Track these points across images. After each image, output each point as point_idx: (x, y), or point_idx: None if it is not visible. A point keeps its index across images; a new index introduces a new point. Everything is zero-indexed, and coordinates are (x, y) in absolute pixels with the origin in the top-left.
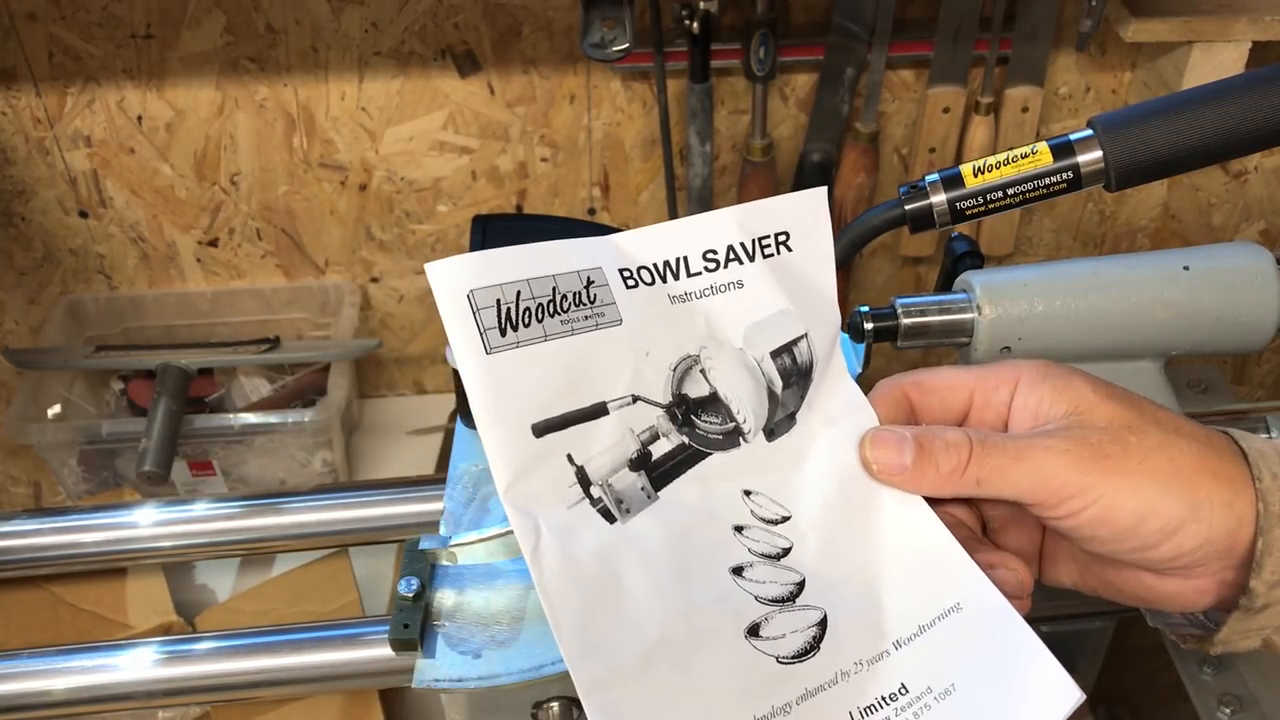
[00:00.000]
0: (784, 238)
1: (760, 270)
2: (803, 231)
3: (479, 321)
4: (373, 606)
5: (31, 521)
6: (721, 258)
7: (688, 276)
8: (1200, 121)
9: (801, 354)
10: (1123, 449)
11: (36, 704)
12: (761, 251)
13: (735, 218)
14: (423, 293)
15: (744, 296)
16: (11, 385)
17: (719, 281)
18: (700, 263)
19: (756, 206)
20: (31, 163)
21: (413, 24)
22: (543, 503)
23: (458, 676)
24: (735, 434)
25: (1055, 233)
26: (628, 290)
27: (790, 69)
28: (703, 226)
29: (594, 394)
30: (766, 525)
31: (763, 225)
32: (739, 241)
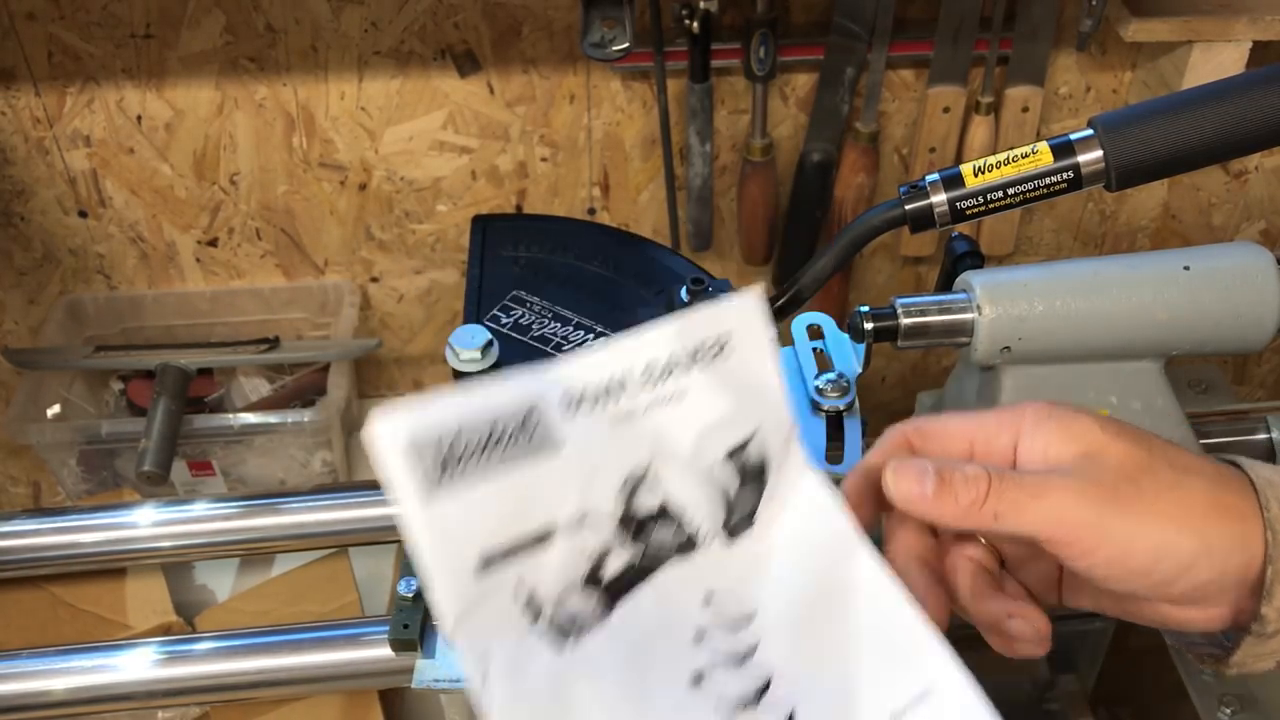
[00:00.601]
0: (723, 343)
1: (703, 378)
2: (741, 334)
3: (417, 472)
4: (372, 607)
5: (31, 521)
6: (661, 371)
7: (629, 395)
8: (1200, 121)
9: (752, 454)
10: (1136, 489)
11: (36, 704)
12: (701, 359)
13: (673, 329)
14: (422, 293)
15: (689, 406)
16: (11, 385)
17: (662, 394)
18: (641, 379)
19: (694, 316)
20: (31, 162)
21: (412, 24)
22: (492, 635)
23: (457, 677)
24: (690, 543)
25: (1055, 233)
26: (570, 417)
27: (790, 69)
28: (641, 343)
29: (540, 521)
30: (729, 627)
31: (701, 333)
32: (679, 353)
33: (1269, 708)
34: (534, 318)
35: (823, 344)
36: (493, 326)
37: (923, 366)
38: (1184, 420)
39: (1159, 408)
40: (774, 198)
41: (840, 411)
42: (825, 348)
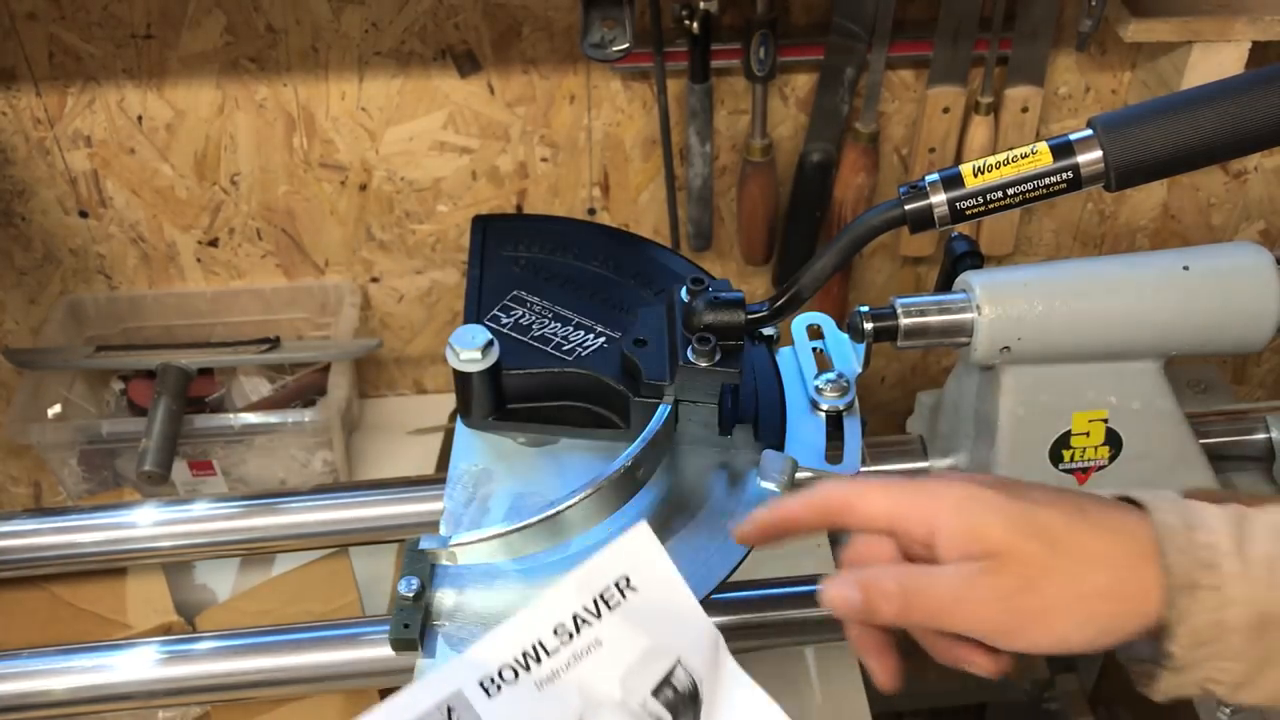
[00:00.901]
0: (624, 582)
1: (614, 621)
2: (640, 567)
3: None
4: (373, 606)
5: (32, 521)
6: (572, 627)
7: (548, 656)
8: (1200, 121)
9: (680, 681)
10: (1039, 598)
11: (37, 704)
12: (607, 604)
13: (574, 584)
14: (423, 293)
15: (607, 652)
16: (11, 385)
17: (578, 648)
18: (554, 640)
19: (589, 565)
20: (32, 163)
21: (413, 24)
22: None
23: None
24: None
25: (1055, 233)
26: (491, 699)
27: (790, 69)
28: (546, 606)
29: None
30: None
31: (601, 579)
32: (583, 605)
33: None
34: (534, 318)
35: (822, 344)
36: (493, 326)
37: (922, 366)
38: (1183, 420)
39: (1158, 408)
40: (774, 198)
41: (840, 411)
42: (825, 348)
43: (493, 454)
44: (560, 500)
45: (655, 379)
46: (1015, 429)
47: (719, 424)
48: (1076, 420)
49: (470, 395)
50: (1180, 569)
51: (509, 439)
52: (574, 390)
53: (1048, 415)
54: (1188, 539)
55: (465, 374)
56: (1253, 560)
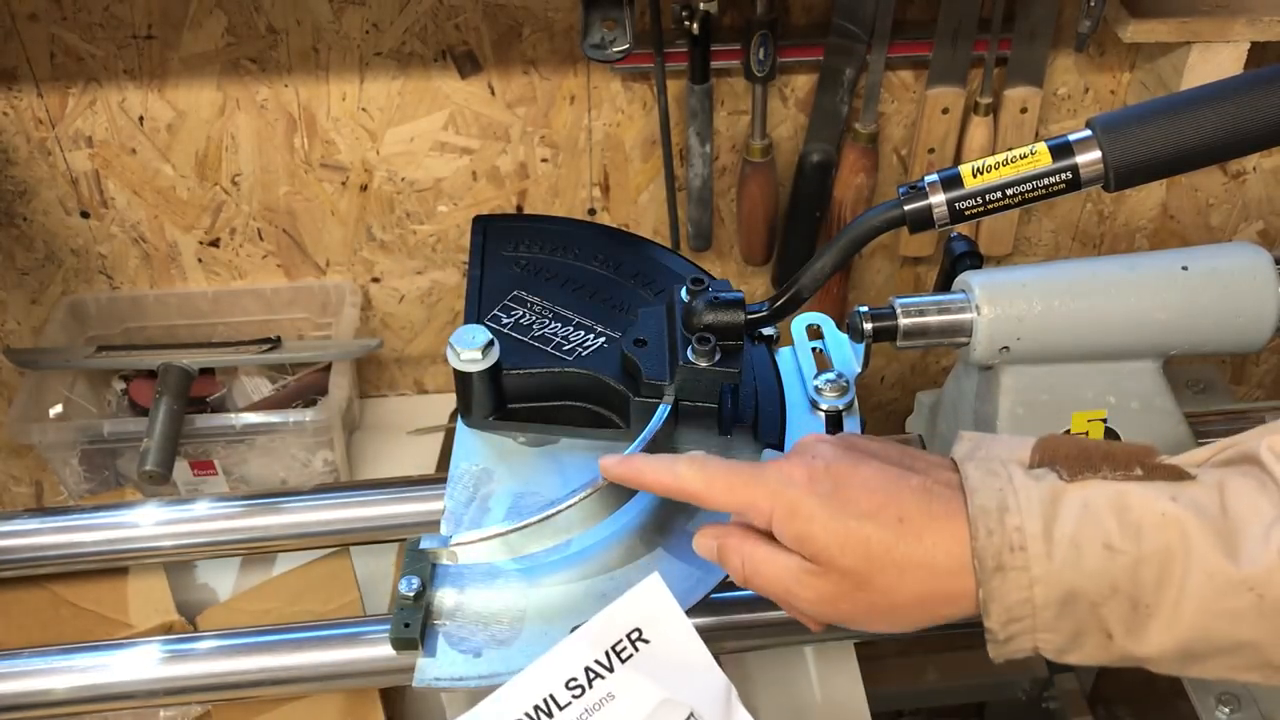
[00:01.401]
0: (637, 634)
1: (626, 675)
2: (652, 619)
3: None
4: (374, 606)
5: (33, 521)
6: (585, 681)
7: (559, 710)
8: (1199, 122)
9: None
10: (858, 606)
11: (38, 703)
12: (619, 657)
13: (585, 638)
14: (423, 293)
15: (620, 705)
16: (13, 385)
17: (591, 702)
18: (567, 694)
19: (601, 618)
20: (33, 163)
21: (413, 25)
22: None
23: (458, 675)
24: None
25: (1054, 233)
26: None
27: (790, 69)
28: (558, 660)
29: None
30: None
31: (613, 633)
32: (595, 659)
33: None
34: (535, 318)
35: (822, 344)
36: (493, 326)
37: (922, 366)
38: (1182, 420)
39: (1157, 407)
40: (774, 198)
41: (839, 411)
42: (825, 348)
43: (493, 454)
44: (560, 500)
45: (655, 379)
46: (1014, 429)
47: (719, 424)
48: (1075, 420)
49: (470, 395)
50: (989, 552)
51: (509, 439)
52: (574, 390)
53: (1047, 415)
54: (999, 521)
55: (466, 374)
56: (1058, 540)
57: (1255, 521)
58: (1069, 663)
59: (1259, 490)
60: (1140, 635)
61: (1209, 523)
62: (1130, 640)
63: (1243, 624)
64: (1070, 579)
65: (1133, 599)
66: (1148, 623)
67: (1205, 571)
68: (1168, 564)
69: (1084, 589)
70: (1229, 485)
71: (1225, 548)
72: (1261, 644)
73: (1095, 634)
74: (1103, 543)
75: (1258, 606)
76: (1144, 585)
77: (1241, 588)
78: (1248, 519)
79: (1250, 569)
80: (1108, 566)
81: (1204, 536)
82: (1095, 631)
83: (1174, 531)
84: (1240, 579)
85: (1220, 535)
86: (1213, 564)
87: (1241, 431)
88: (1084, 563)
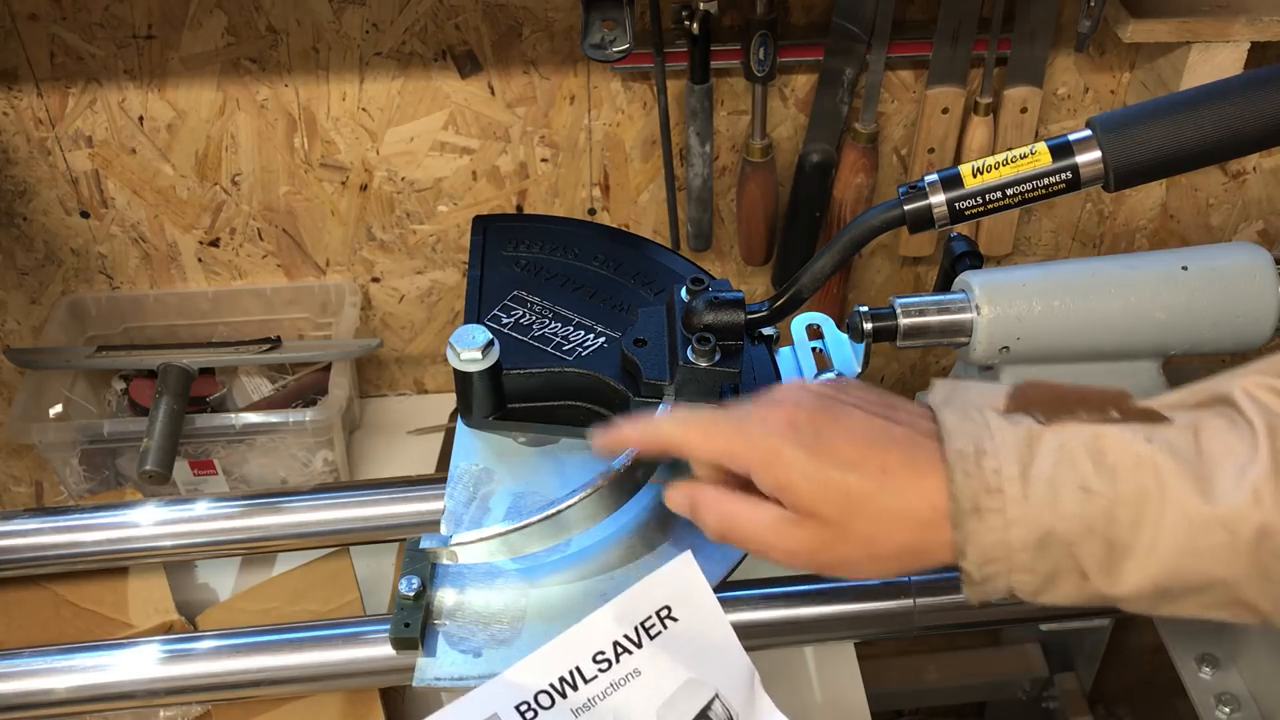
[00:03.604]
0: (666, 611)
1: (653, 651)
2: (682, 598)
3: None
4: (374, 605)
5: (33, 521)
6: (612, 655)
7: (585, 683)
8: (1199, 122)
9: (718, 715)
10: (838, 555)
11: (38, 703)
12: (648, 634)
13: (613, 613)
14: (423, 293)
15: (645, 682)
16: (13, 385)
17: (617, 677)
18: (593, 667)
19: (631, 593)
20: (33, 163)
21: (413, 25)
22: None
23: (458, 675)
24: None
25: (1054, 233)
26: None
27: (790, 69)
28: (586, 632)
29: None
30: None
31: (642, 609)
32: (623, 634)
33: (1267, 706)
34: (535, 318)
35: (822, 344)
36: (494, 326)
37: (922, 366)
38: None
39: None
40: (773, 198)
41: None
42: (825, 347)
43: (493, 454)
44: (560, 500)
45: (655, 379)
46: None
47: None
48: None
49: (471, 395)
50: (967, 494)
51: (509, 439)
52: (574, 390)
53: None
54: (976, 464)
55: (466, 374)
56: (1034, 482)
57: (1229, 461)
58: (1043, 603)
59: (1232, 430)
60: (1115, 575)
61: (1183, 463)
62: (1105, 580)
63: (1216, 562)
64: (1047, 520)
65: (1108, 539)
66: (1123, 562)
67: (1180, 511)
68: (1143, 505)
69: (1060, 530)
70: (1203, 426)
71: (1199, 487)
72: (1232, 581)
73: (1070, 575)
74: (1079, 484)
75: (1230, 544)
76: (1119, 526)
77: (1215, 526)
78: (1221, 459)
79: (1224, 508)
80: (1084, 508)
81: (1178, 477)
82: (1070, 572)
83: (1149, 472)
84: (1214, 517)
85: (1195, 475)
86: (1187, 504)
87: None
88: (1060, 504)
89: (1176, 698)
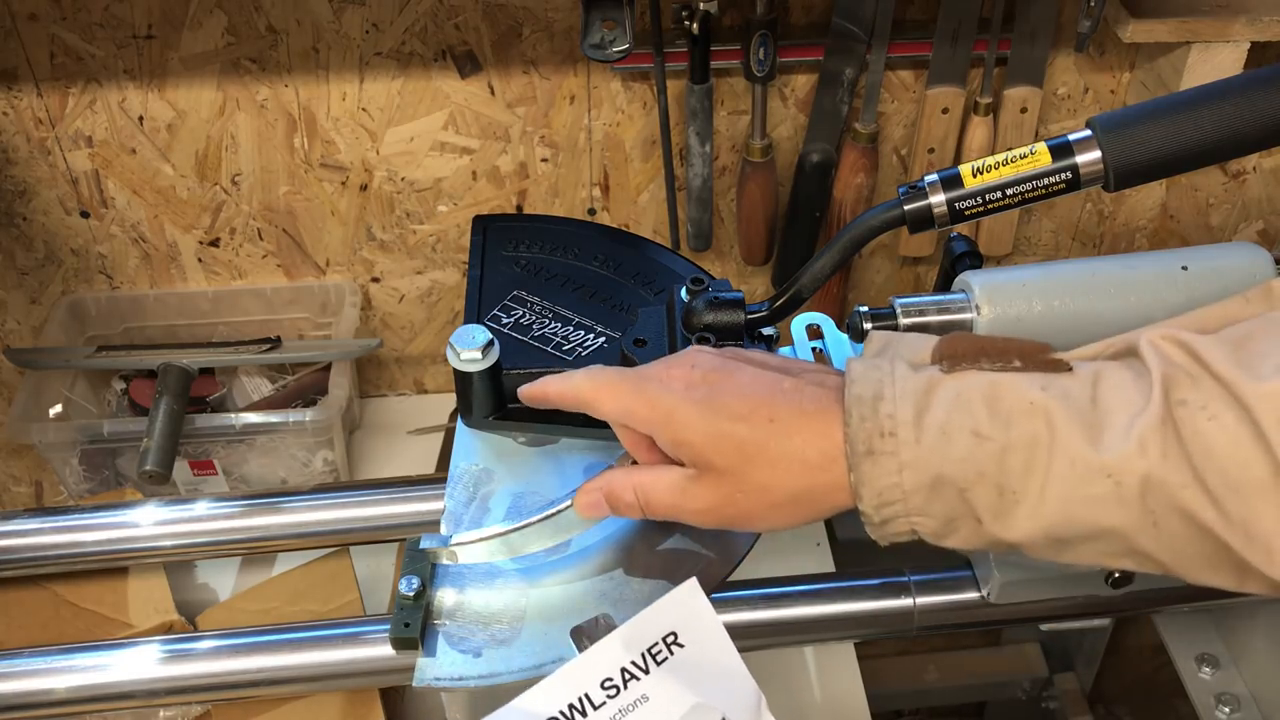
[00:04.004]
0: (672, 638)
1: (660, 677)
2: (688, 624)
3: None
4: (374, 605)
5: (33, 521)
6: (620, 682)
7: (594, 710)
8: (1199, 122)
9: None
10: (739, 508)
11: (38, 703)
12: (655, 660)
13: (620, 639)
14: (423, 293)
15: (653, 708)
16: (13, 385)
17: (625, 704)
18: (601, 694)
19: (638, 620)
20: (33, 163)
21: (413, 25)
22: None
23: (458, 675)
24: None
25: (1054, 233)
26: None
27: (790, 69)
28: (593, 660)
29: None
30: None
31: (648, 635)
32: (630, 660)
33: (1266, 706)
34: (535, 318)
35: (822, 344)
36: (494, 326)
37: None
38: None
39: None
40: (773, 198)
41: None
42: (825, 348)
43: (493, 454)
44: (560, 500)
45: None
46: None
47: None
48: None
49: (471, 395)
50: (860, 437)
51: (509, 439)
52: None
53: None
54: (873, 409)
55: (466, 374)
56: (928, 427)
57: (1122, 411)
58: (949, 547)
59: (1133, 381)
60: (1007, 521)
61: (1075, 411)
62: (998, 525)
63: (1103, 510)
64: (937, 464)
65: (999, 485)
66: (1014, 509)
67: (1068, 458)
68: (1033, 451)
69: (951, 474)
70: (1104, 377)
71: (1089, 436)
72: (1123, 531)
73: (966, 519)
74: (971, 430)
75: (1116, 493)
76: (1010, 472)
77: (1100, 474)
78: (1115, 409)
79: (1109, 456)
80: (974, 453)
81: (1069, 424)
82: (966, 517)
83: (1040, 419)
84: (1099, 465)
85: (1085, 423)
86: (1075, 451)
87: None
88: (951, 449)
89: (1176, 698)
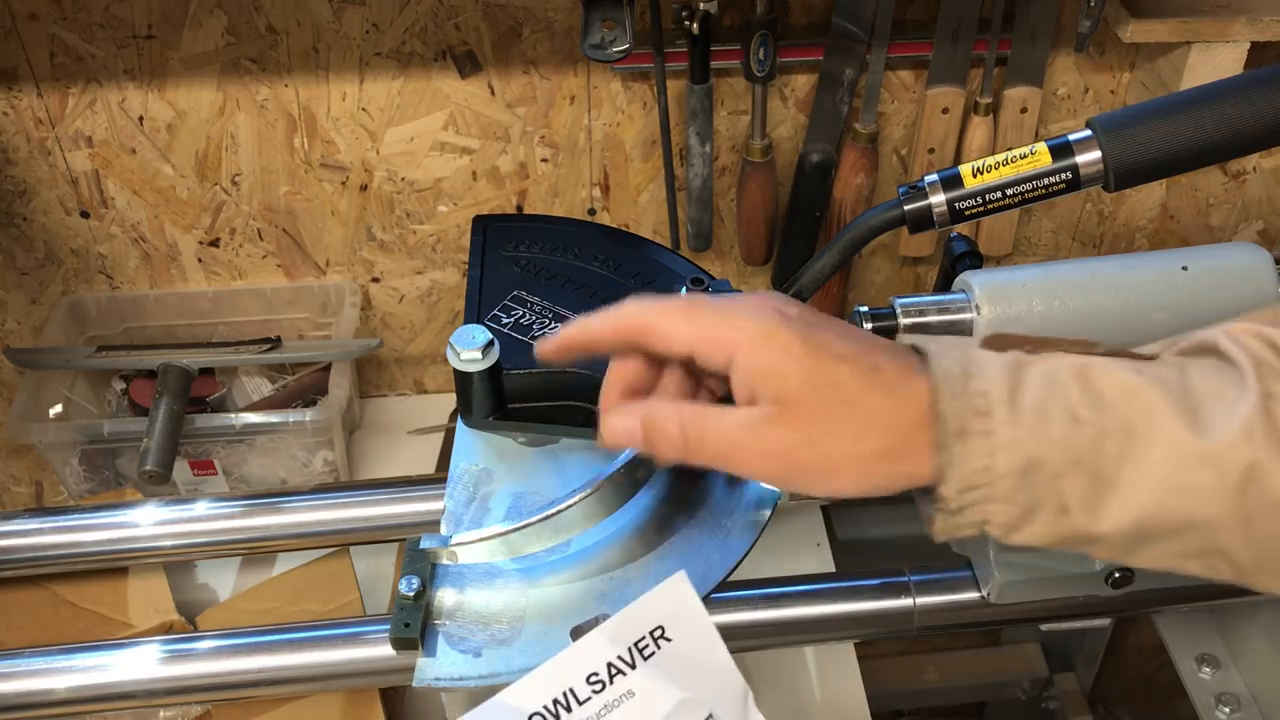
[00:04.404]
0: (659, 632)
1: (647, 673)
2: (675, 618)
3: None
4: (374, 605)
5: (33, 521)
6: (606, 676)
7: (579, 705)
8: (1199, 122)
9: None
10: (818, 454)
11: (38, 703)
12: (641, 655)
13: (606, 634)
14: (423, 293)
15: (639, 703)
16: (13, 385)
17: (610, 699)
18: (587, 689)
19: (624, 615)
20: (33, 163)
21: (413, 25)
22: None
23: (458, 675)
24: None
25: (1054, 233)
26: None
27: (790, 69)
28: (580, 654)
29: None
30: None
31: (635, 630)
32: (616, 655)
33: (1266, 706)
34: (535, 318)
35: None
36: (494, 326)
37: None
38: None
39: None
40: (773, 198)
41: None
42: None
43: (493, 454)
44: (560, 500)
45: None
46: None
47: None
48: None
49: (471, 395)
50: (953, 415)
51: (509, 439)
52: (574, 390)
53: None
54: (963, 385)
55: (466, 374)
56: (1023, 407)
57: (1219, 398)
58: (1013, 542)
59: (1219, 373)
60: (1097, 511)
61: (1173, 396)
62: (1086, 516)
63: (1201, 500)
64: (1034, 447)
65: (1093, 472)
66: (1107, 497)
67: (1169, 444)
68: (1130, 436)
69: (1047, 458)
70: (1190, 368)
71: (1190, 421)
72: (1214, 525)
73: (1050, 508)
74: (1068, 411)
75: (1218, 482)
76: (1106, 458)
77: (1204, 461)
78: (1211, 396)
79: (1214, 442)
80: (1072, 436)
81: (1168, 409)
82: (1050, 505)
83: (1139, 403)
84: (1204, 452)
85: (1185, 409)
86: (1177, 436)
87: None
88: (1050, 431)
89: (1176, 698)
